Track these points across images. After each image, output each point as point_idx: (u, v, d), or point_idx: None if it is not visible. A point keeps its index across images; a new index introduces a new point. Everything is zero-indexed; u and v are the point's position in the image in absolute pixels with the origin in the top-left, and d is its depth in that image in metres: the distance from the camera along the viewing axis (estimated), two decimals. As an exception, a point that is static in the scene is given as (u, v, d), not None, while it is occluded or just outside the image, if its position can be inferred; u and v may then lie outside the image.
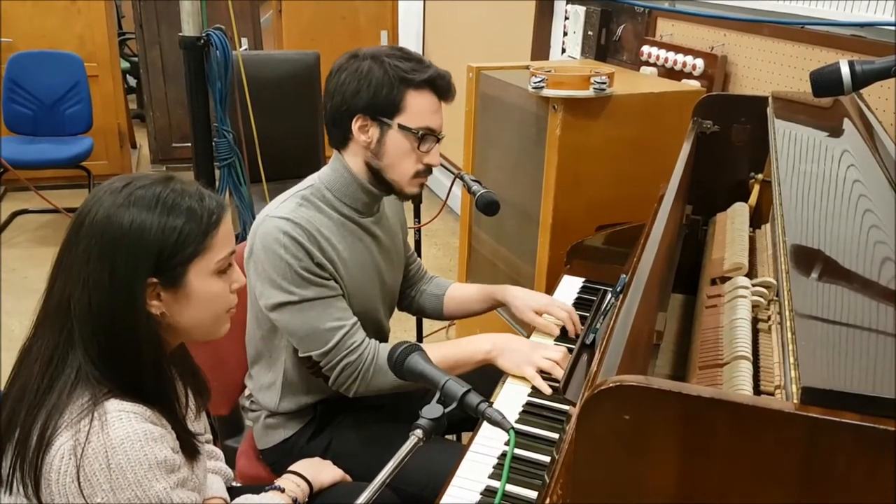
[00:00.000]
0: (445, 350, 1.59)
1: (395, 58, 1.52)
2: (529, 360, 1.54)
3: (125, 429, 1.02)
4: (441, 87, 1.54)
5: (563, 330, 1.75)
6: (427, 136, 1.54)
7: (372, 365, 1.54)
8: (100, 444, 1.00)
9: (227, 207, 1.16)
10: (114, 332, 1.06)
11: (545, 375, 1.54)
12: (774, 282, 1.31)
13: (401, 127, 1.52)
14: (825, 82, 1.24)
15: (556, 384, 1.51)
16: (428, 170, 1.58)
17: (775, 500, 0.72)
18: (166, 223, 1.07)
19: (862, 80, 1.22)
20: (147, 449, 1.03)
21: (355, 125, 1.53)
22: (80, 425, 1.01)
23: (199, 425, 1.28)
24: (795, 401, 0.71)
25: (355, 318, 1.56)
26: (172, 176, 1.13)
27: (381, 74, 1.50)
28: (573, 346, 1.58)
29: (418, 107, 1.52)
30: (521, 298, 1.78)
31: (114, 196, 1.07)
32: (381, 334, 1.74)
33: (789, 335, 0.81)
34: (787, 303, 0.88)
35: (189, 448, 1.15)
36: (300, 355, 1.57)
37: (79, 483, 0.99)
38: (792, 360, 0.77)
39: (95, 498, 1.00)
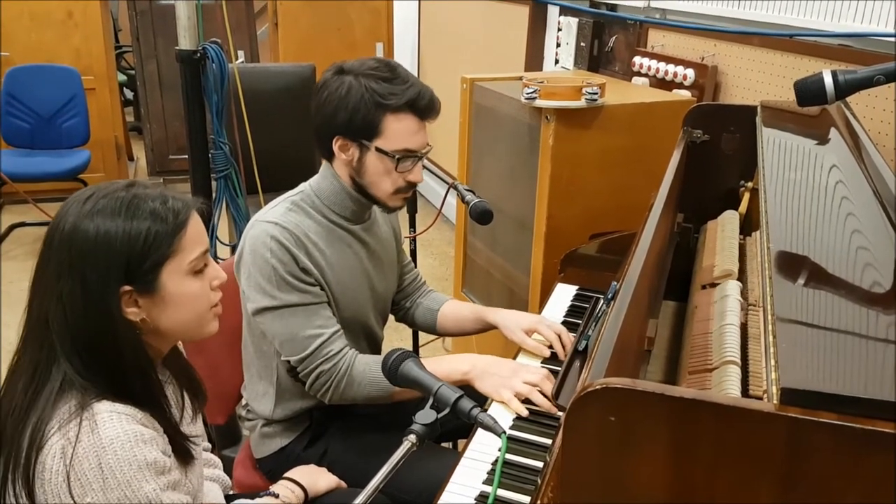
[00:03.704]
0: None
1: (375, 78, 1.50)
2: (507, 385, 1.51)
3: (115, 429, 1.03)
4: (421, 108, 1.53)
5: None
6: (405, 158, 1.54)
7: (345, 375, 1.54)
8: (90, 445, 1.01)
9: (194, 206, 1.15)
10: (93, 343, 1.06)
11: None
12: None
13: (378, 150, 1.52)
14: (809, 92, 1.25)
15: (537, 409, 1.48)
16: (410, 186, 1.60)
17: (759, 498, 0.74)
18: (131, 227, 1.06)
19: (845, 89, 1.24)
20: (137, 450, 1.03)
21: (336, 145, 1.55)
22: (70, 426, 1.02)
23: (195, 428, 1.28)
24: (776, 401, 0.73)
25: (337, 328, 1.57)
26: (135, 182, 1.13)
27: (358, 98, 1.49)
28: (559, 368, 1.57)
29: (396, 131, 1.51)
30: (511, 319, 1.75)
31: (78, 208, 1.07)
32: (372, 341, 1.75)
33: (771, 338, 0.83)
34: (769, 307, 0.90)
35: (182, 451, 1.15)
36: (281, 359, 1.58)
37: (69, 483, 1.00)
38: (773, 362, 0.79)
39: (86, 498, 1.00)
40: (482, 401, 1.49)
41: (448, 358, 1.61)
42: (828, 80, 1.23)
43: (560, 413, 1.46)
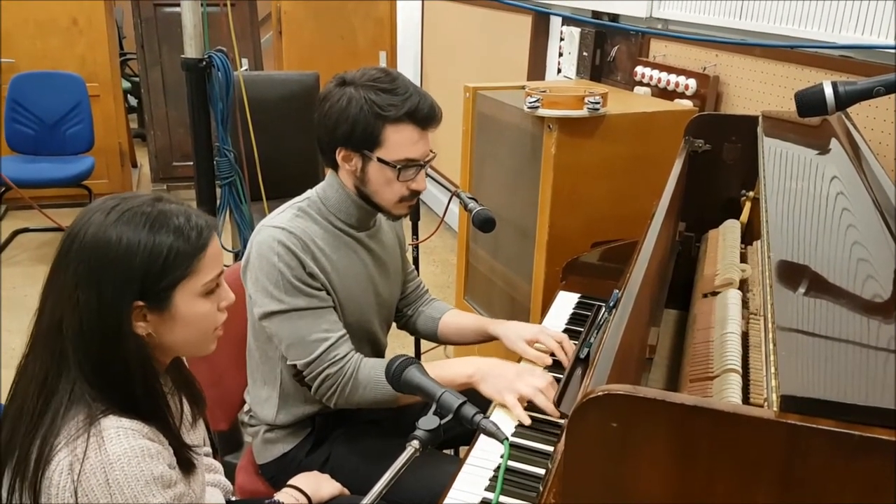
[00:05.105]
0: (429, 371, 1.59)
1: (375, 90, 1.51)
2: (511, 387, 1.51)
3: (122, 445, 1.03)
4: (421, 118, 1.53)
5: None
6: (407, 167, 1.55)
7: (351, 379, 1.55)
8: (98, 461, 1.02)
9: (216, 227, 1.15)
10: (103, 353, 1.06)
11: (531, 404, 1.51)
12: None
13: (379, 160, 1.54)
14: (809, 103, 1.26)
15: (540, 414, 1.48)
16: (414, 194, 1.61)
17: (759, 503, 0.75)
18: (154, 242, 1.06)
19: (845, 100, 1.24)
20: (144, 465, 1.04)
21: (339, 155, 1.57)
22: (78, 442, 1.02)
23: (195, 436, 1.29)
24: (775, 408, 0.74)
25: (343, 332, 1.58)
26: (161, 196, 1.13)
27: (358, 110, 1.50)
28: (561, 376, 1.57)
29: (396, 141, 1.53)
30: (512, 330, 1.74)
31: (102, 216, 1.07)
32: (376, 347, 1.76)
33: (772, 346, 0.84)
34: (770, 316, 0.91)
35: (186, 463, 1.16)
36: (287, 363, 1.59)
37: (76, 499, 1.00)
38: (773, 370, 0.80)
39: None
40: (486, 406, 1.50)
41: (452, 362, 1.62)
42: (828, 91, 1.23)
43: (562, 420, 1.47)
